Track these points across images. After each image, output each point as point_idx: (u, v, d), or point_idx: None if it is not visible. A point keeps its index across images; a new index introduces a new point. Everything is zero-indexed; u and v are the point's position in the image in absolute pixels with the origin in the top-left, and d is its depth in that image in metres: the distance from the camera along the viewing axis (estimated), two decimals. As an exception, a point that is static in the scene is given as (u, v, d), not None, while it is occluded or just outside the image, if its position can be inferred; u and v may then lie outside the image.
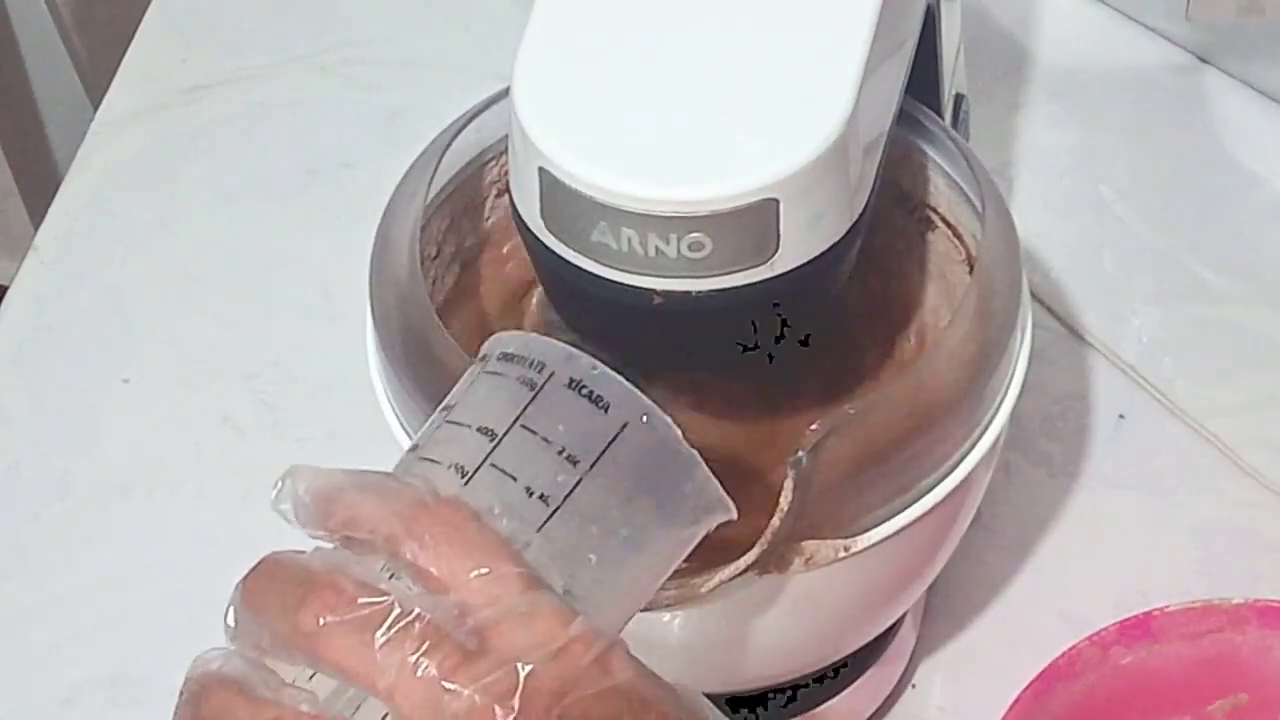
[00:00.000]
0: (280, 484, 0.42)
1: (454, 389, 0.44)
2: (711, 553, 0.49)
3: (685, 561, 0.47)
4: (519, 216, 0.51)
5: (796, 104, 0.48)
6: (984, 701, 0.66)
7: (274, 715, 0.40)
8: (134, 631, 0.70)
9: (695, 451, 0.43)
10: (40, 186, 1.37)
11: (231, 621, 0.41)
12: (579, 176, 0.47)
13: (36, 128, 1.41)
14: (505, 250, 0.63)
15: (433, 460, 0.42)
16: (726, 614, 0.52)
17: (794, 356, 0.60)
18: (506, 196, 0.62)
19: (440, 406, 0.44)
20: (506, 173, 0.61)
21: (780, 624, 0.53)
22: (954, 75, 0.68)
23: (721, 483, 0.43)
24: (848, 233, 0.49)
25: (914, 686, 0.67)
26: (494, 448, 0.42)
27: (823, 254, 0.49)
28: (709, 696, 0.60)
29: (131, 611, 0.71)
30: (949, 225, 0.60)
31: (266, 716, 0.40)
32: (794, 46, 0.49)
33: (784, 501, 0.48)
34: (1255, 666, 0.61)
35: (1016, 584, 0.69)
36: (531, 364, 0.43)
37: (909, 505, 0.52)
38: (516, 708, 0.39)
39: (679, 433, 0.43)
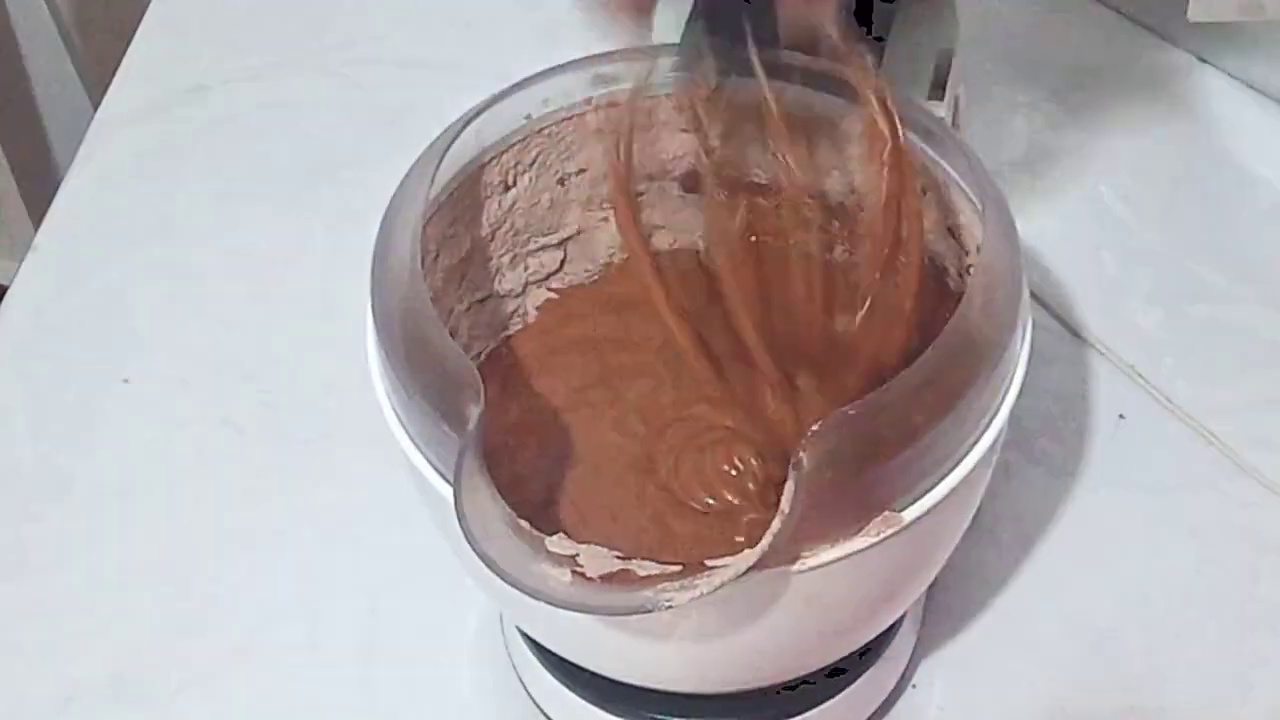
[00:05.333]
0: None
1: None
2: (712, 554, 0.49)
3: (684, 563, 0.47)
4: None
5: None
6: (984, 701, 0.67)
7: None
8: (134, 631, 0.70)
9: None
10: (40, 186, 1.37)
11: None
12: None
13: (36, 128, 1.41)
14: (505, 251, 0.63)
15: None
16: (726, 614, 0.52)
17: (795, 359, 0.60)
18: (508, 194, 0.62)
19: None
20: (508, 172, 0.61)
21: (780, 624, 0.53)
22: (954, 75, 0.68)
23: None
24: None
25: (914, 686, 0.67)
26: None
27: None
28: (709, 697, 0.60)
29: (131, 611, 0.71)
30: (949, 226, 0.60)
31: None
32: None
33: (785, 503, 0.48)
34: None
35: (1016, 584, 0.69)
36: None
37: (908, 506, 0.52)
38: None
39: None
